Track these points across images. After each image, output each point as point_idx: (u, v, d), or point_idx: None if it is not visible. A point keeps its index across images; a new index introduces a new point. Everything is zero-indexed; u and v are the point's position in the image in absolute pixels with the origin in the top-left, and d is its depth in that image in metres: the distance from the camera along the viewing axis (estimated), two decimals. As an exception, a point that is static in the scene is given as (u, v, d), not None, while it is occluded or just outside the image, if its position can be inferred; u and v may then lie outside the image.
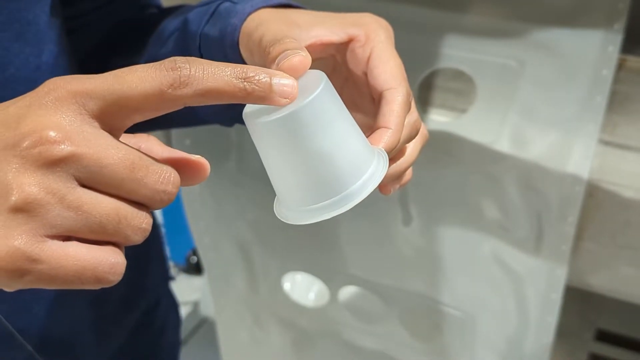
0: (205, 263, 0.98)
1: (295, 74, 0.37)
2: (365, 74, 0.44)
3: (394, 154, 0.42)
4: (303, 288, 0.99)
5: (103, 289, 0.62)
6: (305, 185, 0.37)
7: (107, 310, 0.62)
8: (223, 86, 0.31)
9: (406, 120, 0.42)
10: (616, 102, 0.70)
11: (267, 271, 0.93)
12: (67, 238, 0.30)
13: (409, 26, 0.78)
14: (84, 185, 0.30)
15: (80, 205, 0.30)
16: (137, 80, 0.30)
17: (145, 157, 0.31)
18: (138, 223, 0.32)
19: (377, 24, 0.44)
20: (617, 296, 0.72)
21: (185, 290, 1.87)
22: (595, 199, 0.68)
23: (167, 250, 1.83)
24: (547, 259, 0.72)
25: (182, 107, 0.32)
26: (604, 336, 1.04)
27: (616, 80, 0.70)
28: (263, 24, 0.43)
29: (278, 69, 0.37)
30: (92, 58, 0.62)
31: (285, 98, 0.34)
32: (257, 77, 0.32)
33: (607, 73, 0.69)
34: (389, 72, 0.42)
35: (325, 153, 0.36)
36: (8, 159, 0.29)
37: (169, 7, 0.61)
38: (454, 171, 0.74)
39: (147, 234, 0.32)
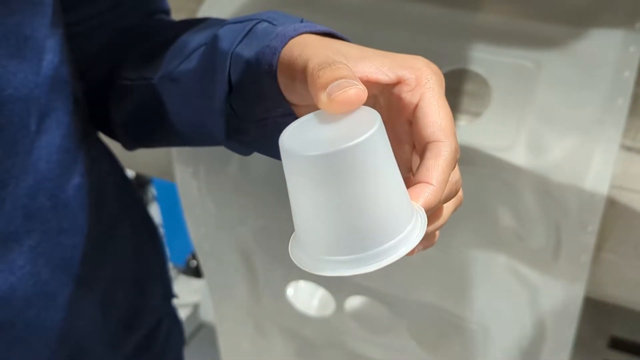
0: (205, 270, 0.95)
1: (350, 108, 0.33)
2: (409, 122, 0.40)
3: (430, 214, 0.38)
4: (307, 297, 0.96)
5: (103, 313, 0.59)
6: (334, 234, 0.33)
7: (107, 334, 0.59)
8: None
9: (449, 178, 0.38)
10: (638, 105, 0.67)
11: (270, 280, 0.90)
12: None
13: (421, 25, 0.75)
14: None
15: None
16: None
17: None
18: None
19: (429, 69, 0.40)
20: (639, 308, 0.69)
21: (185, 292, 1.84)
22: (617, 207, 0.65)
23: (167, 251, 1.81)
24: (566, 270, 0.69)
25: None
26: (618, 344, 1.01)
27: (638, 82, 0.66)
28: (308, 48, 0.39)
29: (331, 100, 0.33)
30: (96, 64, 0.58)
31: None
32: None
33: (629, 75, 0.66)
34: (438, 123, 0.38)
35: (366, 202, 0.32)
36: None
37: (189, 18, 0.57)
38: (467, 177, 0.70)
39: None
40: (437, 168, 0.37)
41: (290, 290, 0.92)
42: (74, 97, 0.52)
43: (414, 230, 0.35)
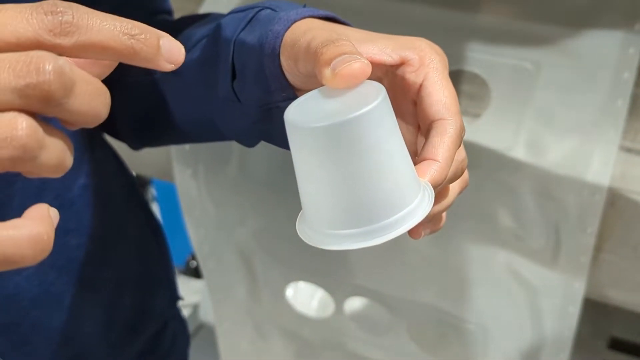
0: (205, 272, 0.95)
1: (354, 82, 0.34)
2: (414, 102, 0.40)
3: (436, 193, 0.38)
4: (307, 298, 0.96)
5: (108, 315, 0.58)
6: (340, 207, 0.33)
7: (112, 337, 0.59)
8: (108, 41, 0.28)
9: (455, 156, 0.39)
10: (638, 107, 0.67)
11: (270, 281, 0.90)
12: None
13: (420, 26, 0.74)
14: None
15: None
16: (9, 19, 0.26)
17: None
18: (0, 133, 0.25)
19: (432, 50, 0.40)
20: (639, 309, 0.69)
21: (184, 293, 1.83)
22: (616, 208, 0.65)
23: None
24: (565, 271, 0.69)
25: None
26: (617, 344, 1.01)
27: (638, 83, 0.66)
28: (311, 30, 0.39)
29: (335, 75, 0.34)
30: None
31: (171, 63, 0.30)
32: (144, 36, 0.29)
33: (629, 76, 0.66)
34: (442, 101, 0.38)
35: (371, 174, 0.32)
36: None
37: (191, 15, 0.57)
38: (466, 178, 0.71)
39: (22, 142, 0.25)
40: (443, 145, 0.37)
41: (290, 291, 0.92)
42: None
43: (421, 204, 0.34)
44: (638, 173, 0.65)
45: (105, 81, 0.59)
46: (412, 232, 0.39)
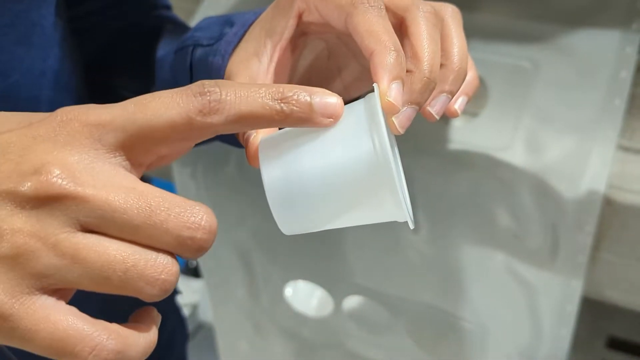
0: (204, 271, 0.95)
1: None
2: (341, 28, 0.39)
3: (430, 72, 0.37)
4: (305, 297, 0.96)
5: (106, 308, 0.59)
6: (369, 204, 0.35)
7: None
8: (258, 110, 0.29)
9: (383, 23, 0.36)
10: (635, 106, 0.67)
11: (269, 280, 0.90)
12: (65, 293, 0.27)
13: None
14: (91, 231, 0.26)
15: (76, 253, 0.25)
16: (162, 107, 0.27)
17: (169, 198, 0.27)
18: (153, 273, 0.27)
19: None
20: (637, 309, 0.69)
21: (184, 292, 1.84)
22: (613, 207, 0.65)
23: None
24: (563, 270, 0.69)
25: (213, 135, 0.29)
26: (616, 344, 1.01)
27: (635, 82, 0.67)
28: (227, 74, 0.41)
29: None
30: (97, 62, 0.58)
31: (329, 117, 0.30)
32: (295, 97, 0.29)
33: (626, 75, 0.66)
34: (331, 10, 0.37)
35: (317, 173, 0.34)
36: (3, 198, 0.25)
37: (167, 25, 0.58)
38: (464, 177, 0.71)
39: (169, 286, 0.28)
40: (377, 67, 0.35)
41: (289, 290, 0.92)
42: (78, 95, 0.52)
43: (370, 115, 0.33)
44: (635, 171, 0.65)
45: (103, 86, 0.59)
46: (426, 116, 0.39)
